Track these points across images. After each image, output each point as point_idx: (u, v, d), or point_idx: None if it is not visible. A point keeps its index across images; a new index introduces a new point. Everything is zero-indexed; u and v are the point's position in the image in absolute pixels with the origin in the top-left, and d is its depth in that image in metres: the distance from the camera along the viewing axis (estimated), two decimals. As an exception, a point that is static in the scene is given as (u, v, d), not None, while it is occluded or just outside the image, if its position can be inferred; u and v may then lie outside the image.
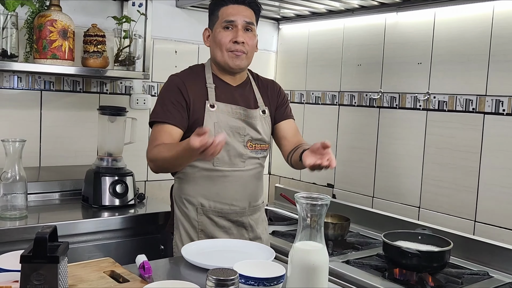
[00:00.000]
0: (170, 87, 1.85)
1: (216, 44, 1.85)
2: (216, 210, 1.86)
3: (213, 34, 1.87)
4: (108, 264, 1.43)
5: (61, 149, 2.57)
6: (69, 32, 2.25)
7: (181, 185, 1.89)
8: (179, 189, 1.90)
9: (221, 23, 1.83)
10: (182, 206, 1.88)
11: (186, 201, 1.87)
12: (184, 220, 1.88)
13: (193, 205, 1.86)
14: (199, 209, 1.85)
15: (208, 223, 1.86)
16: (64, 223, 1.97)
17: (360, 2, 2.56)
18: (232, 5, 1.83)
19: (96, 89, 2.64)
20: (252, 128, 1.89)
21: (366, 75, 2.72)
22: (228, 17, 1.82)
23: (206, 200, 1.85)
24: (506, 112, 2.11)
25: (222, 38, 1.82)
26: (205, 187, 1.84)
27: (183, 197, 1.88)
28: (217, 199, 1.85)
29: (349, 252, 2.21)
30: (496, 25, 2.14)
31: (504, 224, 2.11)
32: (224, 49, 1.83)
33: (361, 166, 2.75)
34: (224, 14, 1.83)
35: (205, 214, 1.85)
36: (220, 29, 1.83)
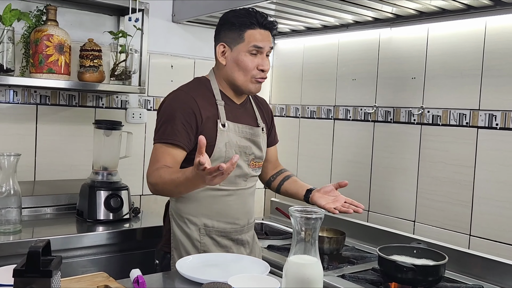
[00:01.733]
0: (182, 107, 1.74)
1: (239, 67, 1.78)
2: (219, 230, 1.81)
3: (234, 55, 1.78)
4: (102, 279, 1.42)
5: (56, 163, 2.56)
6: (66, 47, 2.26)
7: (181, 204, 1.80)
8: (179, 208, 1.81)
9: (247, 46, 1.76)
10: (183, 226, 1.80)
11: (188, 221, 1.79)
12: (185, 240, 1.79)
13: (196, 225, 1.79)
14: (201, 229, 1.79)
15: (211, 243, 1.80)
16: (58, 238, 1.96)
17: (354, 18, 2.59)
18: (260, 30, 1.77)
19: (92, 103, 2.64)
20: (256, 146, 1.89)
21: (361, 90, 2.74)
22: (257, 43, 1.76)
23: (209, 220, 1.80)
24: (499, 127, 2.13)
25: (249, 64, 1.77)
26: (207, 206, 1.79)
27: (185, 216, 1.80)
28: (220, 218, 1.81)
29: (345, 266, 2.20)
30: (488, 40, 2.17)
31: (499, 238, 2.12)
32: (249, 75, 1.78)
33: (356, 180, 2.75)
34: (251, 38, 1.76)
35: (208, 235, 1.80)
36: (246, 52, 1.77)
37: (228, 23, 1.80)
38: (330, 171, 2.89)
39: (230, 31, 1.78)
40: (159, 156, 1.70)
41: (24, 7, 2.35)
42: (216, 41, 1.83)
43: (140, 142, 2.81)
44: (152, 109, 2.85)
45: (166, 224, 1.90)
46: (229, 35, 1.78)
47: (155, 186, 1.68)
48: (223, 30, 1.81)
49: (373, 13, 2.44)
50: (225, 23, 1.81)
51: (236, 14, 1.80)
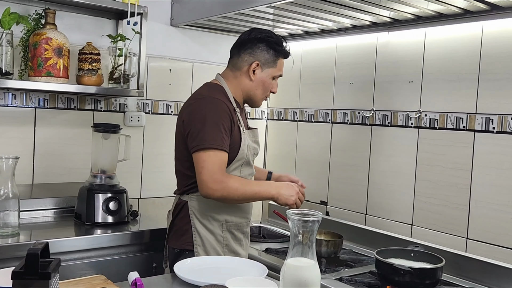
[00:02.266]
0: (221, 112, 1.85)
1: (263, 86, 1.99)
2: (237, 224, 1.97)
3: (263, 76, 1.98)
4: (100, 281, 1.42)
5: (55, 166, 2.57)
6: (64, 50, 2.27)
7: (204, 203, 1.90)
8: (202, 207, 1.91)
9: (275, 73, 2.00)
10: (207, 223, 1.92)
11: (211, 218, 1.92)
12: (210, 236, 1.91)
13: (218, 222, 1.93)
14: (223, 225, 1.93)
15: (230, 237, 1.95)
16: (56, 241, 1.96)
17: (352, 22, 2.61)
18: (284, 60, 2.03)
19: (90, 106, 2.65)
20: (259, 146, 2.07)
21: (359, 93, 2.75)
22: (281, 72, 2.03)
23: (229, 215, 1.94)
24: (496, 130, 2.14)
25: (271, 88, 2.02)
26: (228, 204, 1.92)
27: (208, 214, 1.91)
28: (237, 213, 1.97)
29: (342, 269, 2.21)
30: (485, 44, 2.19)
31: (496, 241, 2.13)
32: (265, 94, 2.03)
33: (353, 183, 2.76)
34: (280, 66, 2.01)
35: (228, 229, 1.95)
36: (272, 76, 2.00)
37: (267, 46, 1.96)
38: (328, 175, 2.90)
39: (268, 54, 1.96)
40: (218, 162, 1.80)
41: (23, 10, 2.36)
42: (251, 55, 1.96)
43: (138, 145, 2.82)
44: (151, 113, 2.85)
45: (183, 224, 1.94)
46: (266, 56, 1.96)
47: (229, 195, 1.79)
48: (261, 49, 1.96)
49: (370, 17, 2.46)
50: (265, 44, 1.96)
51: (275, 40, 1.97)
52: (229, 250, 1.95)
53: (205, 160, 1.79)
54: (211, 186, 1.77)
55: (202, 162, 1.79)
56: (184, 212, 1.94)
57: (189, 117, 1.87)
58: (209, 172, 1.78)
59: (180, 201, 1.97)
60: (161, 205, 2.92)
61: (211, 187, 1.77)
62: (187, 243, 1.92)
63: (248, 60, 1.96)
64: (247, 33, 1.99)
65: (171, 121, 2.93)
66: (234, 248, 1.96)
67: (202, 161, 1.79)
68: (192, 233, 1.91)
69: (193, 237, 1.91)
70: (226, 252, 1.93)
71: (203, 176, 1.78)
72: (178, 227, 1.97)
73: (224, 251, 1.93)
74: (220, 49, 3.10)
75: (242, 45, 1.98)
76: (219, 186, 1.77)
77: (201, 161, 1.79)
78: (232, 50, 2.03)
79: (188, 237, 1.92)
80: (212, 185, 1.77)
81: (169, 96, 2.92)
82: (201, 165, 1.79)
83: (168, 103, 2.92)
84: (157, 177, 2.90)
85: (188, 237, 1.92)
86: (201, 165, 1.79)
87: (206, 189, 1.78)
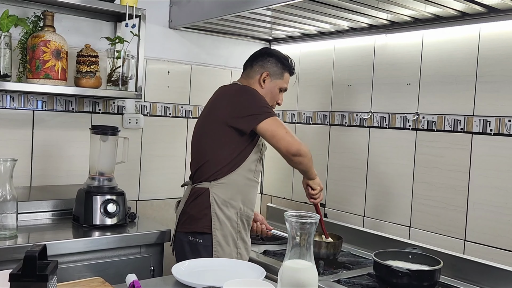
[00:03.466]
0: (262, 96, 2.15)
1: (271, 95, 2.23)
2: (247, 215, 2.15)
3: (272, 85, 2.23)
4: (98, 284, 1.42)
5: (53, 168, 2.56)
6: (62, 53, 2.27)
7: (225, 190, 2.08)
8: (222, 193, 2.08)
9: (281, 85, 2.25)
10: (225, 209, 2.08)
11: (229, 205, 2.08)
12: (227, 221, 2.08)
13: (235, 209, 2.10)
14: (238, 212, 2.11)
15: (241, 226, 2.13)
16: (54, 243, 1.96)
17: (350, 24, 2.61)
18: (290, 76, 2.30)
19: (89, 108, 2.65)
20: None
21: (357, 96, 2.76)
22: (287, 85, 2.28)
23: (243, 205, 2.13)
24: (493, 132, 2.14)
25: (277, 99, 2.27)
26: (245, 194, 2.13)
27: (228, 201, 2.08)
28: (249, 205, 2.16)
29: (340, 271, 2.21)
30: (482, 47, 2.19)
31: (494, 243, 2.13)
32: (271, 103, 2.23)
33: (352, 186, 2.77)
34: (286, 79, 2.27)
35: (240, 218, 2.12)
36: (278, 88, 2.25)
37: (276, 60, 2.23)
38: (326, 177, 2.90)
39: (276, 67, 2.23)
40: (284, 125, 2.07)
41: (21, 13, 2.36)
42: (262, 67, 2.22)
43: (136, 148, 2.82)
44: (149, 115, 2.86)
45: (201, 209, 2.08)
46: (274, 69, 2.23)
47: (307, 154, 2.07)
48: (271, 62, 2.23)
49: (368, 19, 2.46)
50: (274, 58, 2.24)
51: (283, 57, 2.26)
52: (240, 237, 2.12)
53: (281, 124, 2.05)
54: (299, 146, 2.03)
55: (279, 126, 2.03)
56: (202, 198, 2.08)
57: (238, 100, 2.09)
58: (290, 132, 2.04)
59: (197, 189, 2.10)
60: (159, 207, 2.92)
61: (299, 141, 2.04)
62: (205, 226, 2.06)
63: (259, 70, 2.22)
64: (258, 50, 2.31)
65: (169, 123, 2.94)
66: (244, 237, 2.14)
67: (278, 126, 2.03)
68: (212, 218, 2.05)
69: (212, 221, 2.05)
70: (238, 239, 2.10)
71: (288, 136, 2.02)
72: (193, 213, 2.09)
73: (237, 237, 2.10)
74: (219, 51, 3.11)
75: (254, 59, 2.25)
76: (300, 142, 2.05)
77: (275, 126, 2.03)
78: (246, 63, 2.28)
79: (207, 221, 2.06)
80: (299, 145, 2.03)
81: (168, 98, 2.93)
82: (280, 128, 2.03)
83: (166, 105, 2.92)
84: (155, 179, 2.90)
85: (206, 221, 2.06)
86: (281, 129, 2.03)
87: (298, 144, 2.03)
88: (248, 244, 2.17)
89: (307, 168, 2.15)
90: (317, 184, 2.22)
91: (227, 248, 2.05)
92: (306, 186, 2.24)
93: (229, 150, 2.07)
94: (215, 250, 2.03)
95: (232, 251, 2.07)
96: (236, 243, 2.09)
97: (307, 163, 2.11)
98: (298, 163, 2.09)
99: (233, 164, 2.08)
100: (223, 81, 3.01)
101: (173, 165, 2.97)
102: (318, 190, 2.23)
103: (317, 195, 2.24)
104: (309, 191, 2.24)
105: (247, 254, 2.15)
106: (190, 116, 3.01)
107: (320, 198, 2.26)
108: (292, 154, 2.02)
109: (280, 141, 2.01)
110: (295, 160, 2.06)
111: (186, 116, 3.00)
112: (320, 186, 2.24)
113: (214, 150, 2.10)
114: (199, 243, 2.06)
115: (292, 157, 2.04)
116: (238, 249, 2.09)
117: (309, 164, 2.12)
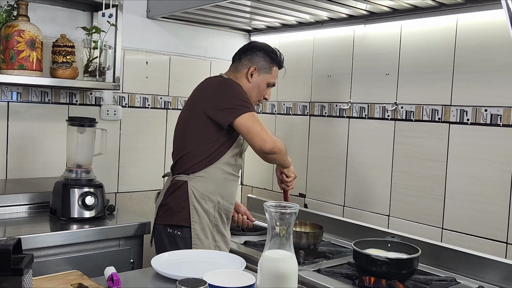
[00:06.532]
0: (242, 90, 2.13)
1: (258, 90, 2.21)
2: (226, 208, 2.14)
3: (259, 80, 2.20)
4: (75, 277, 1.41)
5: (29, 161, 2.52)
6: (37, 43, 2.22)
7: (203, 183, 2.07)
8: (200, 186, 2.06)
9: (269, 80, 2.23)
10: (203, 203, 2.06)
11: (207, 198, 2.07)
12: (205, 215, 2.07)
13: (213, 202, 2.09)
14: (216, 206, 2.10)
15: (219, 220, 2.12)
16: (31, 236, 1.93)
17: (329, 15, 2.61)
18: (279, 70, 2.27)
19: (65, 100, 2.60)
20: None
21: (336, 86, 2.76)
22: (275, 80, 2.26)
23: (222, 199, 2.11)
24: (470, 122, 2.17)
25: (264, 94, 2.24)
26: (224, 187, 2.11)
27: (206, 194, 2.07)
28: (228, 199, 2.14)
29: (320, 261, 2.22)
30: (459, 37, 2.21)
31: (470, 231, 2.16)
32: (258, 98, 2.23)
33: (332, 176, 2.78)
34: (274, 74, 2.24)
35: (218, 211, 2.11)
36: (267, 82, 2.22)
37: (264, 54, 2.20)
38: (306, 167, 2.91)
39: (264, 61, 2.20)
40: (261, 122, 2.03)
41: (-6, 2, 2.31)
42: (250, 61, 2.19)
43: (115, 139, 2.79)
44: (127, 106, 2.82)
45: (179, 202, 2.07)
46: (262, 63, 2.20)
47: (281, 151, 2.05)
48: (259, 56, 2.20)
49: (347, 10, 2.47)
50: (262, 51, 2.20)
51: (272, 50, 2.22)
52: (218, 231, 2.11)
53: (258, 121, 2.01)
54: (272, 143, 1.99)
55: (255, 123, 1.99)
56: (181, 190, 2.06)
57: (218, 92, 2.07)
58: (265, 129, 2.00)
59: (176, 181, 2.09)
60: (139, 199, 2.89)
61: (273, 139, 2.00)
62: (183, 219, 2.05)
63: (247, 64, 2.19)
64: (247, 43, 2.30)
65: (148, 115, 2.91)
66: (221, 230, 2.13)
67: (254, 122, 1.99)
68: (190, 211, 2.04)
69: (190, 214, 2.04)
70: (215, 232, 2.09)
71: (263, 133, 1.99)
72: (171, 205, 2.08)
73: (214, 230, 2.09)
74: (198, 41, 3.08)
75: (243, 52, 2.22)
76: (275, 139, 2.02)
77: (251, 122, 1.99)
78: (234, 56, 2.25)
79: (185, 214, 2.04)
80: (271, 142, 1.99)
81: (146, 89, 2.89)
82: (256, 125, 1.99)
83: (145, 96, 2.89)
84: (134, 171, 2.87)
85: (184, 214, 2.04)
86: (257, 125, 1.99)
87: (272, 142, 1.99)
88: (227, 238, 2.16)
89: (281, 162, 2.16)
90: (292, 172, 2.23)
91: (206, 241, 2.05)
92: (280, 173, 2.24)
93: (208, 143, 2.06)
94: (194, 243, 2.03)
95: (210, 244, 2.07)
96: (214, 236, 2.08)
97: (280, 158, 2.10)
98: (272, 160, 2.08)
99: (212, 157, 2.07)
100: (203, 72, 3.00)
101: (153, 157, 2.94)
102: (292, 178, 2.24)
103: (290, 182, 2.25)
104: (283, 178, 2.23)
105: (226, 247, 2.14)
106: (169, 107, 2.98)
107: (292, 186, 2.27)
108: (266, 152, 2.00)
109: (254, 138, 1.99)
110: (269, 158, 2.04)
111: (165, 107, 2.97)
112: (294, 174, 2.24)
113: (194, 142, 2.08)
114: (178, 235, 2.05)
115: (266, 155, 2.01)
116: (216, 242, 2.09)
117: (283, 158, 2.12)
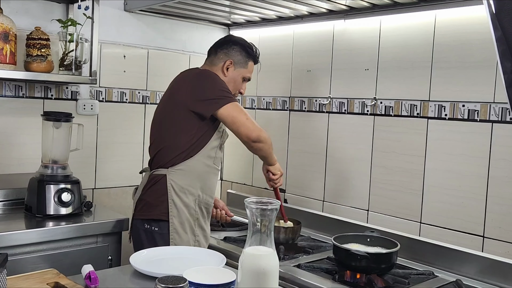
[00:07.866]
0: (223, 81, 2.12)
1: (234, 84, 2.20)
2: (206, 202, 2.12)
3: (235, 74, 2.20)
4: (52, 276, 1.37)
5: (3, 157, 2.46)
6: (11, 35, 2.16)
7: (183, 176, 2.04)
8: (180, 180, 2.04)
9: (245, 74, 2.23)
10: (183, 196, 2.04)
11: (187, 192, 2.05)
12: (184, 209, 2.04)
13: (193, 196, 2.07)
14: (196, 199, 2.07)
15: (200, 213, 2.10)
16: (5, 234, 1.89)
17: (309, 9, 2.60)
18: (255, 65, 2.28)
19: (40, 94, 2.55)
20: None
21: (316, 81, 2.76)
22: (250, 75, 2.26)
23: (202, 192, 2.09)
24: (448, 117, 2.19)
25: (240, 88, 2.24)
26: (204, 181, 2.10)
27: (185, 188, 2.04)
28: (208, 192, 2.13)
29: (300, 256, 2.23)
30: (438, 33, 2.23)
31: (447, 225, 2.19)
32: (233, 92, 2.19)
33: (311, 171, 2.78)
34: (250, 68, 2.25)
35: (198, 205, 2.09)
36: (242, 77, 2.23)
37: (241, 48, 2.21)
38: (286, 162, 2.91)
39: (240, 55, 2.21)
40: (245, 112, 2.05)
41: (-35, -8, 2.23)
42: (226, 54, 2.19)
43: (92, 134, 2.74)
44: (105, 100, 2.77)
45: (158, 196, 2.04)
46: (239, 57, 2.20)
47: (267, 140, 2.08)
48: (235, 50, 2.20)
49: (327, 4, 2.46)
50: (239, 46, 2.21)
51: (248, 45, 2.23)
52: (199, 225, 2.09)
53: (242, 110, 2.03)
54: (259, 132, 2.02)
55: (240, 112, 2.01)
56: (160, 185, 2.04)
57: (199, 83, 2.05)
58: (248, 122, 2.02)
59: (155, 175, 2.07)
60: (116, 195, 2.85)
61: (259, 134, 2.02)
62: (162, 213, 2.02)
63: (223, 58, 2.18)
64: (223, 37, 2.30)
65: (125, 109, 2.86)
66: (202, 224, 2.11)
67: (239, 112, 2.01)
68: (169, 205, 2.02)
69: (169, 208, 2.02)
70: (195, 226, 2.07)
71: (249, 122, 2.01)
72: (149, 200, 2.06)
73: (194, 224, 2.07)
74: (176, 35, 3.04)
75: (219, 46, 2.22)
76: (262, 133, 2.04)
77: (236, 112, 2.00)
78: (210, 50, 2.24)
79: (163, 208, 2.02)
80: (258, 132, 2.02)
81: (124, 83, 2.85)
82: (241, 114, 2.01)
83: (122, 90, 2.84)
84: (112, 167, 2.83)
85: (163, 208, 2.02)
86: (242, 115, 2.01)
87: (258, 131, 2.03)
88: (207, 232, 2.15)
89: (267, 154, 2.16)
90: (278, 170, 2.24)
91: (185, 236, 2.03)
92: (267, 172, 2.25)
93: (188, 136, 2.04)
94: (172, 238, 2.01)
95: (189, 238, 2.05)
96: (194, 230, 2.07)
97: (267, 149, 2.12)
98: (258, 149, 2.09)
99: (192, 150, 2.05)
100: (181, 66, 2.96)
101: (130, 152, 2.90)
102: (279, 175, 2.25)
103: (277, 180, 2.25)
104: (269, 176, 2.24)
105: (205, 241, 2.13)
106: (148, 101, 2.94)
107: (280, 183, 2.28)
108: (252, 140, 2.02)
109: (240, 127, 2.00)
110: (255, 147, 2.05)
111: (144, 101, 2.93)
112: (280, 171, 2.26)
113: (173, 135, 2.06)
114: (155, 231, 2.03)
115: (252, 144, 2.04)
116: (196, 236, 2.07)
117: (269, 150, 2.13)
